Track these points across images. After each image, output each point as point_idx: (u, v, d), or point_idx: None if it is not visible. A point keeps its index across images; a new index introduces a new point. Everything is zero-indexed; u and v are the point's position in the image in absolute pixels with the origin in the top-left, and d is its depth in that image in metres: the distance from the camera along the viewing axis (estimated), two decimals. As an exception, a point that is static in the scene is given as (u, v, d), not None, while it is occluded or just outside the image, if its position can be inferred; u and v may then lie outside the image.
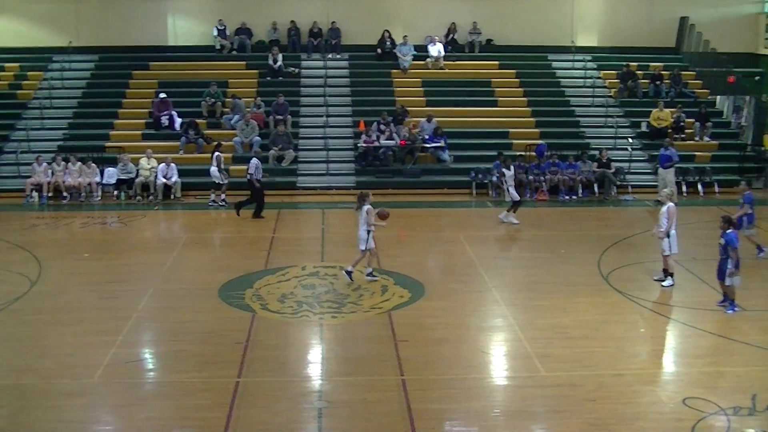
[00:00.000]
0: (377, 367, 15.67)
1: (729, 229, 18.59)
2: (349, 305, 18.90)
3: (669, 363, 16.83)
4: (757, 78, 39.26)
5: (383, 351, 16.39)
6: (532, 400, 14.51)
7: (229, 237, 25.76)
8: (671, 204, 20.43)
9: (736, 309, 18.59)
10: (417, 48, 36.99)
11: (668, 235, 20.28)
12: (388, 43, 36.94)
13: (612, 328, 17.88)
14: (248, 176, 27.30)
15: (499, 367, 16.34)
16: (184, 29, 38.25)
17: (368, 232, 20.50)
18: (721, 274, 18.66)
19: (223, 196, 28.80)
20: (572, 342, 17.01)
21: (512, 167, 26.51)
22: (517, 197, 26.19)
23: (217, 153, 28.97)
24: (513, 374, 15.79)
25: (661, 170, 29.34)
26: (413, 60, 36.64)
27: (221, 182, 28.83)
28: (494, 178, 29.74)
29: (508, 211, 26.24)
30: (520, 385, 15.18)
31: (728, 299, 18.82)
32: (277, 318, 18.14)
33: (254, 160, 27.49)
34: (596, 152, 31.44)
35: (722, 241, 18.57)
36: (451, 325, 17.92)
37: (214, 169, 28.84)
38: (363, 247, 20.53)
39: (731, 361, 16.28)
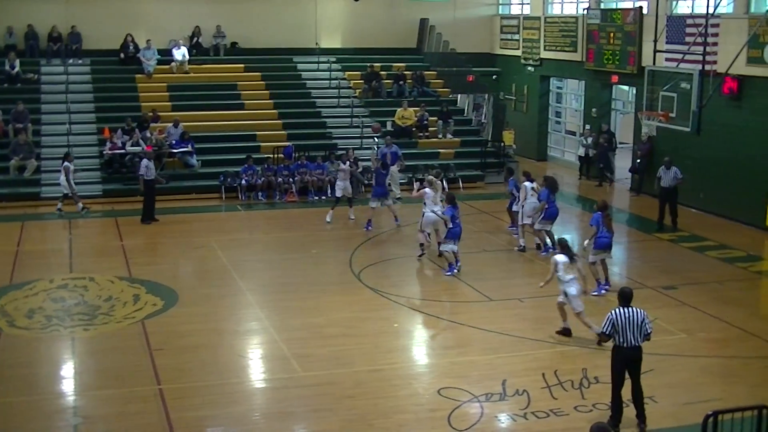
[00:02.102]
0: (133, 378, 15.30)
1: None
2: (101, 317, 18.37)
3: (423, 356, 17.29)
4: (494, 77, 40.88)
5: (138, 361, 16.03)
6: (291, 400, 14.57)
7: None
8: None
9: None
10: (161, 52, 36.34)
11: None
12: (131, 47, 36.10)
13: (366, 324, 18.18)
14: (139, 176, 26.68)
15: (257, 370, 16.32)
16: None
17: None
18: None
19: (81, 204, 27.86)
20: (328, 341, 17.18)
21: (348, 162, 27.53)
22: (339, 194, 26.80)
23: (66, 163, 27.66)
24: (271, 376, 15.81)
25: (391, 168, 30.17)
26: (157, 64, 35.99)
27: (69, 192, 27.56)
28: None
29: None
30: (279, 387, 15.21)
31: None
32: (25, 334, 17.41)
33: (144, 161, 26.54)
34: (343, 152, 31.80)
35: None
36: (207, 330, 17.75)
37: (63, 179, 27.52)
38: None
39: (482, 350, 16.87)
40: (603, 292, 19.83)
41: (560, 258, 17.04)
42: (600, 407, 14.07)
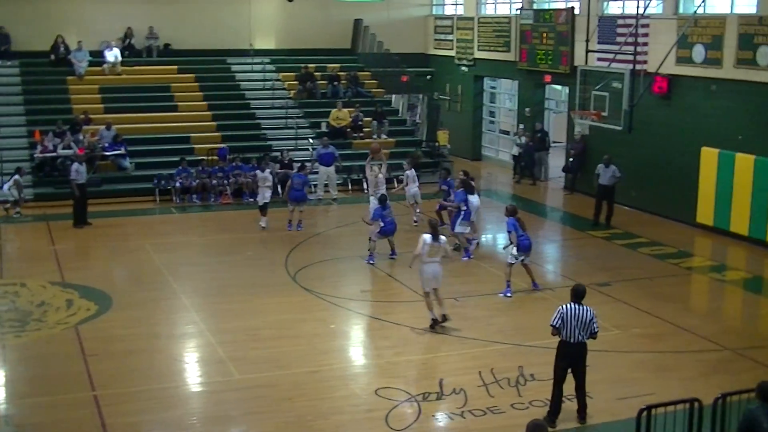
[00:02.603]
0: (67, 385, 15.11)
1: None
2: (33, 323, 18.09)
3: (360, 356, 17.33)
4: (428, 77, 41.00)
5: (72, 367, 15.83)
6: (228, 404, 14.50)
7: None
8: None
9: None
10: (93, 54, 35.91)
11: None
12: (62, 49, 35.64)
13: (303, 326, 18.16)
14: (70, 180, 26.35)
15: (193, 374, 16.21)
16: None
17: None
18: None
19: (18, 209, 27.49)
20: (264, 343, 17.14)
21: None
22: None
23: (17, 176, 27.60)
24: (208, 380, 15.71)
25: (322, 168, 30.22)
26: (89, 66, 35.57)
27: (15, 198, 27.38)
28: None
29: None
30: (216, 390, 15.11)
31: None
32: (-46, 342, 17.15)
33: (75, 164, 26.31)
34: (278, 154, 31.74)
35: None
36: (142, 335, 17.59)
37: (11, 189, 27.34)
38: None
39: (418, 350, 16.96)
40: (509, 295, 20.09)
41: (427, 237, 17.42)
42: (536, 404, 14.21)
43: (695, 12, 25.62)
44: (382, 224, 22.20)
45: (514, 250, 20.06)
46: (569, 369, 13.64)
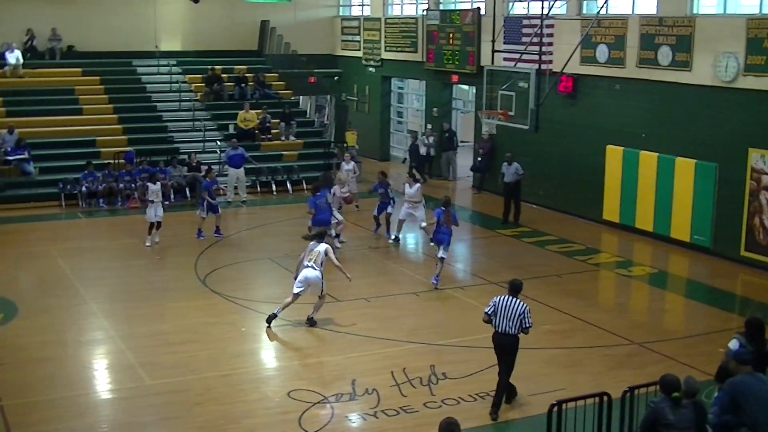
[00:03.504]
0: (-28, 395, 14.81)
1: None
2: (-66, 333, 17.69)
3: (271, 359, 17.26)
4: (336, 78, 41.04)
5: (-23, 377, 15.51)
6: (139, 410, 14.34)
7: None
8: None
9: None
10: (-7, 56, 35.21)
11: None
12: (-40, 51, 34.90)
13: (213, 329, 18.03)
14: None
15: (103, 380, 15.97)
16: None
17: None
18: None
19: None
20: (175, 348, 16.96)
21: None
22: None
23: None
24: (118, 386, 15.50)
25: (232, 170, 30.07)
26: (-11, 68, 34.86)
27: None
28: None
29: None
30: (127, 397, 14.93)
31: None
32: None
33: None
34: (186, 156, 31.46)
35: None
36: (50, 342, 17.27)
37: None
38: None
39: (330, 351, 16.96)
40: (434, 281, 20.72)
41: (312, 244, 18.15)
42: (449, 402, 14.34)
43: (598, 13, 26.03)
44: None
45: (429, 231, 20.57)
46: (500, 357, 14.12)
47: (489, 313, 14.05)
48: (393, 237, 24.77)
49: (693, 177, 23.86)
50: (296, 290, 17.73)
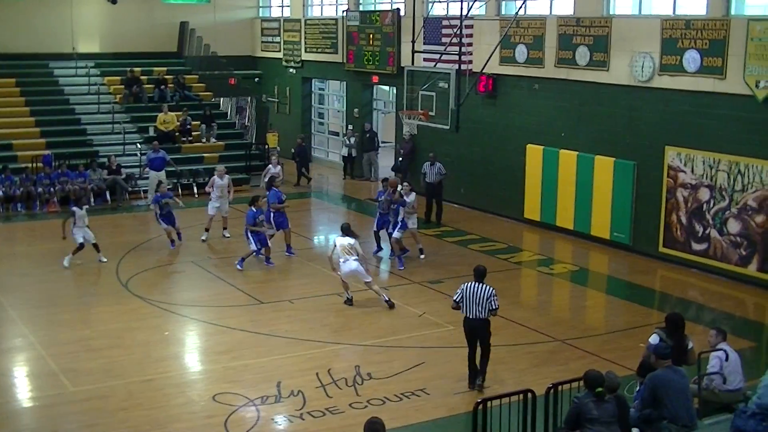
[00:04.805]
0: None
1: None
2: None
3: (195, 362, 17.16)
4: (256, 80, 40.88)
5: None
6: (62, 417, 14.16)
7: None
8: None
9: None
10: None
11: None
12: None
13: (136, 334, 17.84)
14: None
15: (23, 388, 15.68)
16: None
17: None
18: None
19: None
20: (98, 353, 16.76)
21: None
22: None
23: None
24: (39, 394, 15.23)
25: (153, 173, 29.83)
26: None
27: None
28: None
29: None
30: (49, 404, 14.70)
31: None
32: None
33: None
34: (105, 159, 31.09)
35: None
36: (-33, 350, 16.99)
37: None
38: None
39: (255, 353, 16.87)
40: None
41: (340, 240, 19.27)
42: (375, 402, 14.37)
43: (516, 13, 26.29)
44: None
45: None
46: (474, 341, 14.85)
47: (457, 300, 14.87)
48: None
49: (612, 175, 24.22)
50: (367, 279, 19.33)
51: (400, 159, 32.11)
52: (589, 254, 24.35)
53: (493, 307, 14.74)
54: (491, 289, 14.78)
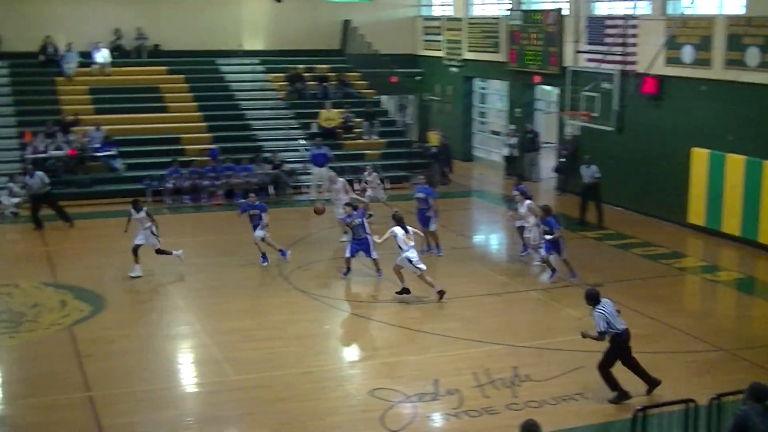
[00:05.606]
0: (62, 386, 15.11)
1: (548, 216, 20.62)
2: (26, 324, 18.08)
3: (354, 357, 17.36)
4: (418, 78, 41.03)
5: (67, 368, 15.82)
6: (223, 404, 14.49)
7: None
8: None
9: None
10: (82, 54, 35.86)
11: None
12: (50, 49, 35.58)
13: (296, 327, 18.18)
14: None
15: (187, 374, 16.23)
16: None
17: None
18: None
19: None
20: (259, 343, 17.14)
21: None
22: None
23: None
24: (202, 380, 15.72)
25: (315, 169, 30.28)
26: (79, 67, 35.50)
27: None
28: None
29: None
30: (211, 391, 15.12)
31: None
32: (-53, 343, 17.11)
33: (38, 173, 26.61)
34: (269, 154, 31.75)
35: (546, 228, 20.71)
36: (136, 336, 17.61)
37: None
38: None
39: (412, 350, 16.97)
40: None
41: (398, 230, 19.31)
42: (532, 405, 14.24)
43: (683, 12, 25.69)
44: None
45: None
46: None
47: (604, 330, 14.36)
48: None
49: (781, 181, 23.44)
50: (421, 270, 19.32)
51: (562, 160, 31.79)
52: (756, 262, 23.53)
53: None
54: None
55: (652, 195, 27.81)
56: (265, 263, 22.14)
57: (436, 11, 41.81)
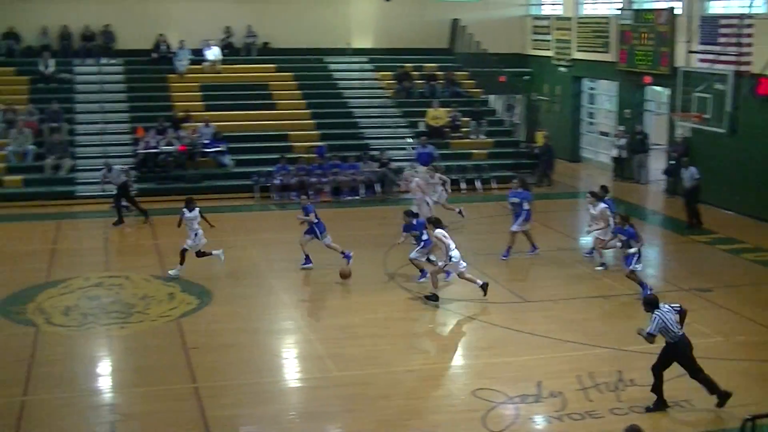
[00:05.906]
0: (169, 376, 15.42)
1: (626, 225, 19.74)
2: (136, 315, 18.49)
3: (457, 356, 17.28)
4: (526, 78, 40.75)
5: (174, 359, 16.14)
6: (325, 400, 14.61)
7: (5, 251, 24.41)
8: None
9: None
10: (193, 52, 36.51)
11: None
12: (163, 47, 36.32)
13: (400, 325, 18.21)
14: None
15: (291, 369, 16.40)
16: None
17: None
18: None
19: None
20: (362, 341, 17.22)
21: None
22: None
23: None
24: (305, 376, 15.88)
25: (420, 168, 30.22)
26: (190, 64, 36.15)
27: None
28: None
29: None
30: (314, 386, 15.27)
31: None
32: (61, 332, 17.55)
33: (116, 167, 27.39)
34: (376, 152, 31.88)
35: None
36: (241, 329, 17.83)
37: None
38: None
39: (516, 351, 16.84)
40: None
41: (440, 232, 19.30)
42: (636, 410, 14.02)
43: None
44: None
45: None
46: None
47: (653, 332, 14.00)
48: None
49: None
50: (462, 268, 19.40)
51: (672, 162, 31.22)
52: None
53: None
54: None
55: (766, 199, 27.12)
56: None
57: (546, 10, 41.46)
